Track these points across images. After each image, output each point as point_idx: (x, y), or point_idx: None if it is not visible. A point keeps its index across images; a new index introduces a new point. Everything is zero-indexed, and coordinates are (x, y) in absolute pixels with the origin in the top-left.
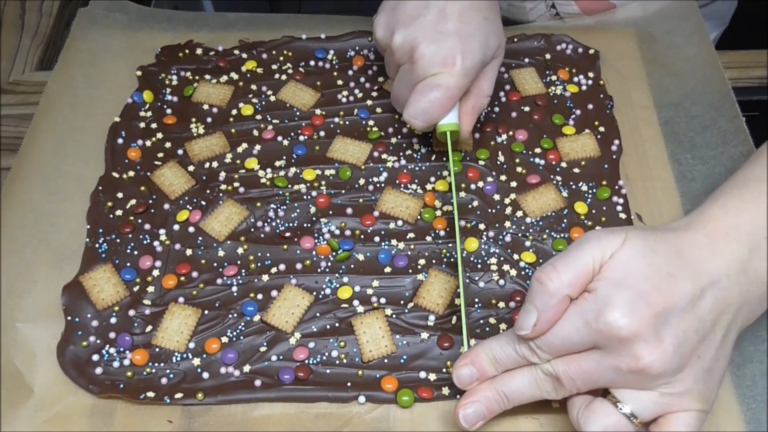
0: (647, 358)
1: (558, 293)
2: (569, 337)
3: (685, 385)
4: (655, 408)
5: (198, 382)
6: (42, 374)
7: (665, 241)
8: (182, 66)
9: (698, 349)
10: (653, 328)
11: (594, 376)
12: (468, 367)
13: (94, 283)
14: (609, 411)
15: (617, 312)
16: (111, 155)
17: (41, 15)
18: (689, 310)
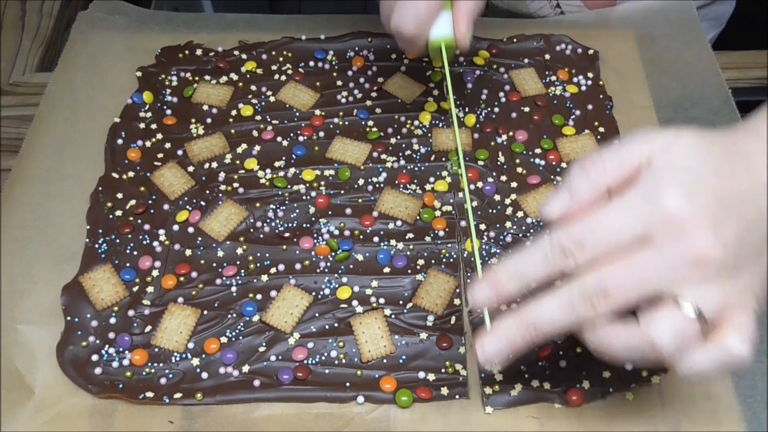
0: (706, 244)
1: (599, 182)
2: (617, 228)
3: (746, 282)
4: (720, 303)
5: (197, 382)
6: (42, 375)
7: (722, 136)
8: (182, 67)
9: (759, 246)
10: (713, 213)
11: (648, 278)
12: (484, 287)
13: (94, 283)
14: (676, 312)
15: (674, 193)
16: (111, 156)
17: (41, 16)
18: (750, 202)
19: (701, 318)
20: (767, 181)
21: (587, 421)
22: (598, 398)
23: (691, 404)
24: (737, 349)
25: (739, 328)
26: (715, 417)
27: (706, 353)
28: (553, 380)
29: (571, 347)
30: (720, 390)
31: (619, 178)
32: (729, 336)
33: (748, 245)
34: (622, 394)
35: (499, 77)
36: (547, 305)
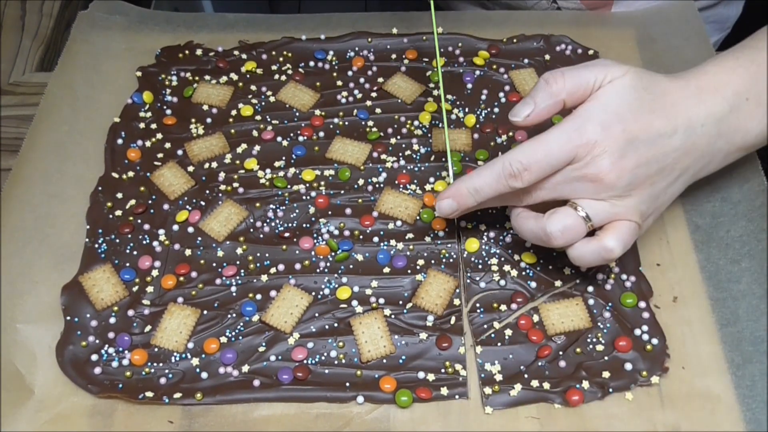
0: (606, 169)
1: (558, 95)
2: (551, 148)
3: (632, 201)
4: (605, 215)
5: (197, 382)
6: (42, 375)
7: (658, 83)
8: (182, 67)
9: (653, 177)
10: (619, 146)
11: (559, 185)
12: (448, 200)
13: (94, 283)
14: (569, 213)
15: (595, 126)
16: (110, 156)
17: (41, 16)
18: (657, 143)
19: (588, 220)
20: (680, 126)
21: (587, 422)
22: (597, 398)
23: (690, 404)
24: (611, 246)
25: (616, 231)
26: (715, 417)
27: (588, 245)
28: (553, 380)
29: (570, 347)
30: (720, 390)
31: (574, 95)
32: (607, 236)
33: (642, 176)
34: (622, 394)
35: (499, 77)
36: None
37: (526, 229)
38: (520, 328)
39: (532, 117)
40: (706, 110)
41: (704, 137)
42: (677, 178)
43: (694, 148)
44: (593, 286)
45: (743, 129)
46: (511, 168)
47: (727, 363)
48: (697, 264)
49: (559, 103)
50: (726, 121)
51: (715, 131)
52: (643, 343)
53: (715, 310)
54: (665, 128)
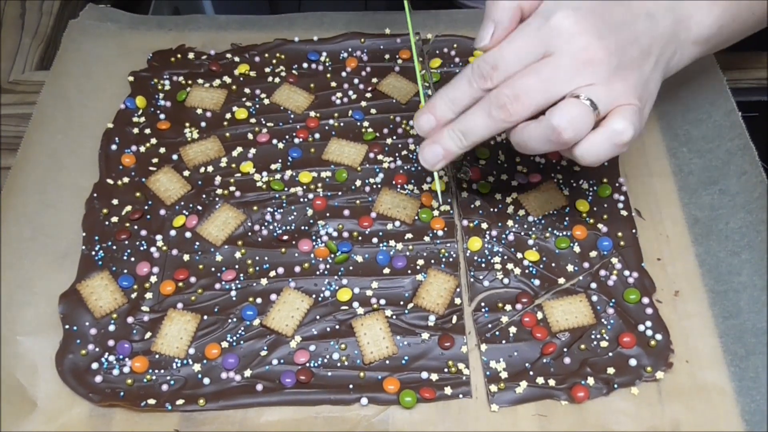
0: (593, 47)
1: (514, 6)
2: (521, 47)
3: (628, 84)
4: (608, 99)
5: (199, 388)
6: (45, 387)
7: None
8: (174, 71)
9: (638, 60)
10: (596, 28)
11: (549, 83)
12: (426, 114)
13: (92, 290)
14: (573, 102)
15: (564, 13)
16: (105, 162)
17: (41, 14)
18: (629, 24)
19: (594, 107)
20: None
21: (592, 418)
22: (603, 394)
23: (694, 398)
24: (621, 127)
25: (623, 114)
26: (719, 409)
27: (598, 134)
28: (558, 377)
29: (575, 344)
30: (723, 383)
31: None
32: (615, 119)
33: (628, 57)
34: (627, 390)
35: None
36: (471, 116)
37: (531, 136)
38: (525, 325)
39: (497, 34)
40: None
41: (663, 22)
42: (656, 63)
43: (659, 34)
44: (596, 283)
45: (696, 19)
46: (479, 68)
47: (729, 355)
48: (697, 257)
49: (517, 11)
50: (679, 7)
51: (672, 18)
52: (647, 338)
53: (716, 303)
54: (626, 16)
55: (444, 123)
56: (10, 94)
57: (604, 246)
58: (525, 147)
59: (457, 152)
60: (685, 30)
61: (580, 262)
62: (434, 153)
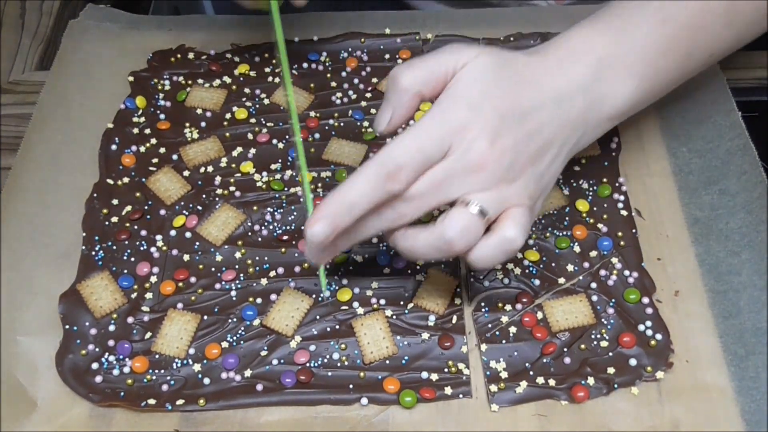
0: (486, 152)
1: (410, 89)
2: (422, 141)
3: (519, 185)
4: (497, 204)
5: (199, 388)
6: (45, 387)
7: (516, 58)
8: (174, 71)
9: (533, 155)
10: (494, 127)
11: (444, 185)
12: (321, 224)
13: (92, 290)
14: (461, 211)
15: (462, 108)
16: (105, 162)
17: (41, 15)
18: (528, 117)
19: (483, 214)
20: (549, 98)
21: (592, 418)
22: (603, 394)
23: (694, 397)
24: (511, 236)
25: (514, 219)
26: (719, 409)
27: (489, 242)
28: (558, 377)
29: (575, 344)
30: (723, 382)
31: (430, 85)
32: (506, 226)
33: (524, 155)
34: (627, 390)
35: None
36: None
37: (421, 245)
38: (525, 325)
39: (394, 120)
40: (571, 80)
41: (573, 108)
42: (557, 154)
43: (566, 120)
44: (596, 283)
45: (611, 95)
46: (387, 168)
47: (729, 355)
48: (697, 257)
49: (416, 98)
50: (592, 88)
51: (583, 100)
52: (647, 338)
53: (716, 303)
54: (534, 102)
55: (340, 232)
56: (10, 94)
57: (604, 246)
58: (411, 254)
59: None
60: (597, 111)
61: (580, 261)
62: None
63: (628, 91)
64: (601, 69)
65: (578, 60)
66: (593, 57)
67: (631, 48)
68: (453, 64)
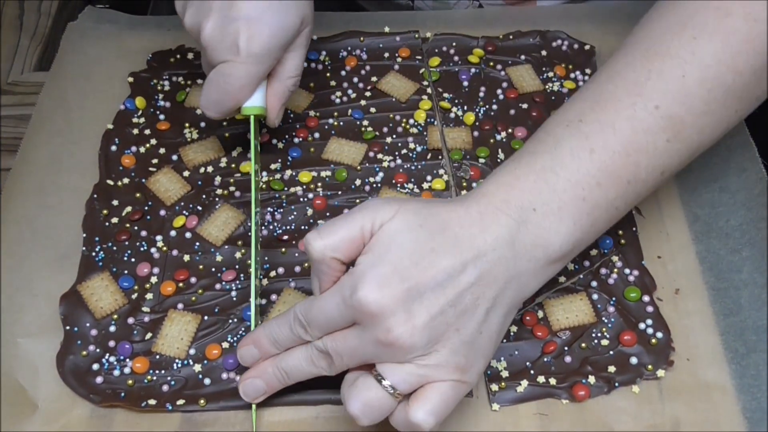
0: (396, 331)
1: (323, 257)
2: (330, 313)
3: (441, 357)
4: (413, 379)
5: (200, 389)
6: (45, 388)
7: (436, 216)
8: (174, 71)
9: (456, 323)
10: (404, 303)
11: (358, 351)
12: (249, 347)
13: (92, 291)
14: (370, 385)
15: (369, 287)
16: (105, 163)
17: (40, 15)
18: (447, 285)
19: (394, 390)
20: (469, 260)
21: (593, 416)
22: (604, 393)
23: (695, 395)
24: (417, 419)
25: (425, 400)
26: (720, 407)
27: (398, 416)
28: (559, 376)
29: (575, 343)
30: (724, 380)
31: (346, 252)
32: (414, 407)
33: (442, 325)
34: (628, 388)
35: (496, 74)
36: (296, 358)
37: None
38: (525, 324)
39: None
40: (493, 234)
41: (500, 263)
42: (487, 314)
43: (493, 277)
44: (597, 281)
45: (542, 242)
46: (297, 320)
47: (730, 353)
48: (697, 255)
49: (334, 263)
50: (518, 240)
51: (509, 253)
52: (647, 336)
53: (717, 301)
54: (453, 266)
55: (266, 357)
56: (9, 95)
57: (604, 244)
58: None
59: (278, 388)
60: (529, 260)
61: (580, 260)
62: (255, 387)
63: (562, 233)
64: (524, 217)
65: (500, 212)
66: (515, 206)
67: (557, 188)
68: (369, 225)
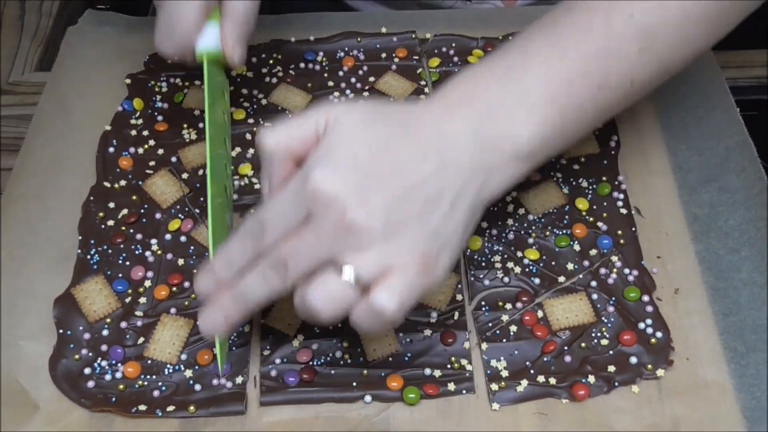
0: (352, 214)
1: (275, 153)
2: (282, 208)
3: (403, 245)
4: (375, 266)
5: (190, 394)
6: (46, 390)
7: (394, 112)
8: (171, 72)
9: (419, 212)
10: (359, 187)
11: (314, 248)
12: (204, 276)
13: (86, 295)
14: (330, 278)
15: (322, 172)
16: (102, 165)
17: (41, 16)
18: (406, 173)
19: (357, 281)
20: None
21: (593, 416)
22: (603, 392)
23: (695, 395)
24: (380, 305)
25: (388, 287)
26: (720, 406)
27: (359, 309)
28: (559, 375)
29: (575, 342)
30: (724, 380)
31: (293, 146)
32: (376, 293)
33: (402, 212)
34: (628, 388)
35: None
36: (249, 277)
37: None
38: (525, 324)
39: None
40: (456, 126)
41: (464, 153)
42: (452, 206)
43: (457, 168)
44: (596, 281)
45: (509, 135)
46: (249, 229)
47: (730, 352)
48: (696, 255)
49: (286, 162)
50: (484, 130)
51: (474, 144)
52: (647, 336)
53: (716, 300)
54: (412, 155)
55: (223, 284)
56: (10, 95)
57: (603, 244)
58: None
59: (238, 318)
60: (494, 153)
61: (580, 260)
62: (213, 319)
63: (531, 127)
64: (491, 109)
65: (465, 104)
66: (480, 100)
67: (525, 85)
68: (323, 121)
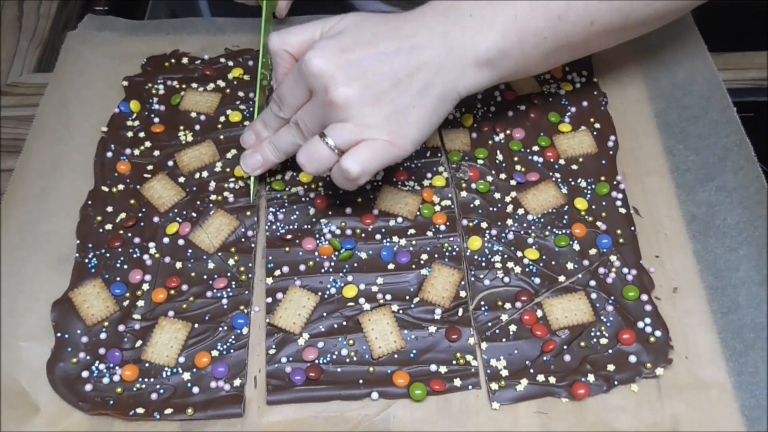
0: (335, 90)
1: (278, 50)
2: (289, 85)
3: (375, 120)
4: (349, 136)
5: (188, 397)
6: (47, 391)
7: (384, 17)
8: (168, 75)
9: (391, 93)
10: (342, 67)
11: (315, 116)
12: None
13: (84, 298)
14: (316, 142)
15: (313, 54)
16: (100, 169)
17: (39, 17)
18: (384, 59)
19: (334, 147)
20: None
21: (593, 415)
22: (603, 391)
23: (694, 393)
24: (346, 166)
25: (354, 153)
26: (719, 405)
27: (334, 168)
28: (558, 374)
29: (575, 341)
30: (723, 378)
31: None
32: (344, 157)
33: (376, 92)
34: (627, 387)
35: None
36: (281, 134)
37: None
38: (525, 323)
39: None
40: (431, 29)
41: (434, 50)
42: (421, 93)
43: (427, 62)
44: (595, 281)
45: (471, 43)
46: (274, 103)
47: (728, 351)
48: (695, 254)
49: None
50: (451, 36)
51: (443, 47)
52: (646, 335)
53: (714, 299)
54: (391, 47)
55: (263, 139)
56: (9, 96)
57: (603, 244)
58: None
59: (274, 161)
60: (458, 56)
61: (579, 259)
62: (254, 160)
63: (490, 39)
64: (461, 20)
65: (443, 15)
66: (458, 12)
67: (496, 4)
68: (320, 27)
